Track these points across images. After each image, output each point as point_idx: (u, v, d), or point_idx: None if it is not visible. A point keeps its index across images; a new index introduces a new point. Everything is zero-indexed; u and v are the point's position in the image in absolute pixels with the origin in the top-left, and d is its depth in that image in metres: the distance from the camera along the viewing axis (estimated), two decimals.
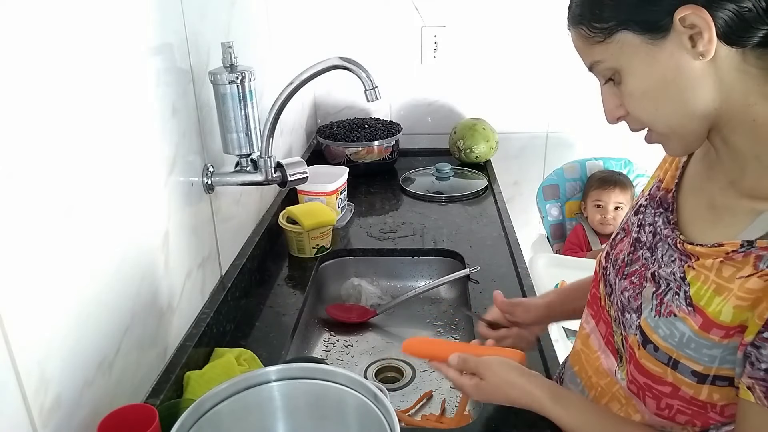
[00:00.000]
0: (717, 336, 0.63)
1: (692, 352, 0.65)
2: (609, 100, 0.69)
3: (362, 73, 1.00)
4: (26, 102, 0.59)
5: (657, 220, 0.76)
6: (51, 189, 0.63)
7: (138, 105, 0.82)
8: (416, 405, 1.09)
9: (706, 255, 0.66)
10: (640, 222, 0.79)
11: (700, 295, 0.65)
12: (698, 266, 0.67)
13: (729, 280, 0.63)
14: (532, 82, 2.00)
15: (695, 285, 0.66)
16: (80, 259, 0.69)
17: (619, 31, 0.63)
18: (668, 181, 0.78)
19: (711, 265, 0.65)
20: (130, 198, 0.80)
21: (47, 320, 0.63)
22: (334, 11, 1.95)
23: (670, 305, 0.68)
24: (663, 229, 0.74)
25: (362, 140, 1.83)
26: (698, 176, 0.75)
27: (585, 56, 0.68)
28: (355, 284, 1.43)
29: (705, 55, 0.60)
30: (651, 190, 0.81)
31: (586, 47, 0.67)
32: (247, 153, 1.06)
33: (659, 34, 0.61)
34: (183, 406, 0.76)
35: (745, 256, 0.62)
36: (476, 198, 1.74)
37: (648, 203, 0.79)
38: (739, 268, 0.62)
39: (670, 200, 0.75)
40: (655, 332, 0.69)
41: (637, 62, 0.63)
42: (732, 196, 0.67)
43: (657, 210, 0.77)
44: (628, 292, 0.76)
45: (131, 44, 0.79)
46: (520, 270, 1.31)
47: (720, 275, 0.64)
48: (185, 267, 0.97)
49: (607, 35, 0.64)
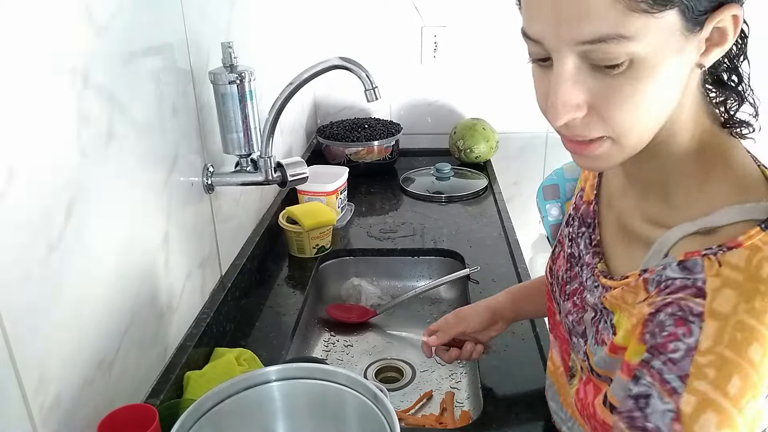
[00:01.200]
0: (615, 354, 0.61)
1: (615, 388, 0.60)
2: (572, 90, 0.53)
3: (362, 73, 1.00)
4: (26, 102, 0.59)
5: (580, 241, 0.73)
6: (51, 189, 0.63)
7: (138, 105, 0.82)
8: (416, 405, 1.09)
9: (615, 287, 0.64)
10: (570, 235, 0.77)
11: (620, 323, 0.62)
12: (610, 297, 0.65)
13: (632, 305, 0.61)
14: (532, 82, 2.00)
15: (616, 313, 0.64)
16: (80, 259, 0.69)
17: (673, 8, 0.49)
18: (588, 191, 0.75)
19: (618, 294, 0.63)
20: (130, 198, 0.80)
21: (47, 320, 0.63)
22: (334, 11, 1.95)
23: (602, 333, 0.66)
24: (585, 254, 0.72)
25: (362, 140, 1.83)
26: (614, 189, 0.71)
27: (602, 23, 0.49)
28: (355, 284, 1.43)
29: (705, 64, 0.54)
30: (575, 200, 0.77)
31: (618, 13, 0.48)
32: (247, 153, 1.06)
33: (696, 27, 0.51)
34: (183, 406, 0.77)
35: (638, 282, 0.60)
36: (476, 198, 1.74)
37: (574, 215, 0.77)
38: (636, 293, 0.61)
39: (591, 216, 0.72)
40: (596, 363, 0.65)
41: (664, 53, 0.51)
42: (637, 220, 0.65)
43: (580, 229, 0.74)
44: (572, 316, 0.73)
45: (131, 44, 0.79)
46: (520, 270, 1.31)
47: (626, 302, 0.62)
48: (185, 267, 0.97)
49: (662, 7, 0.48)
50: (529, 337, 1.11)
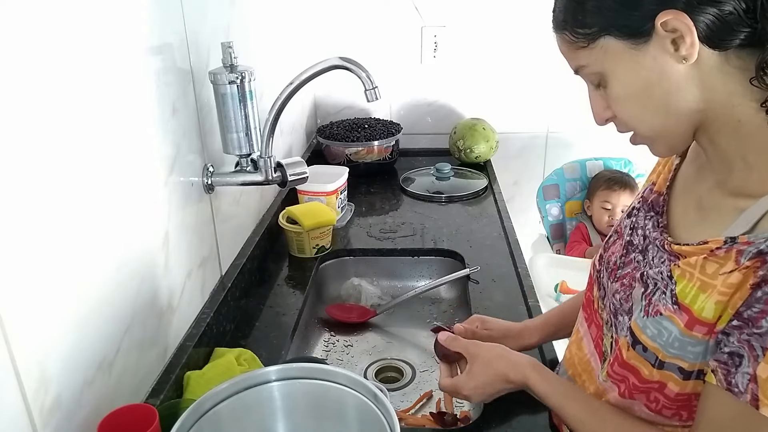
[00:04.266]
0: (700, 333, 0.64)
1: (678, 351, 0.66)
2: (596, 102, 0.71)
3: (362, 73, 1.00)
4: (27, 102, 0.59)
5: (647, 223, 0.77)
6: (51, 189, 0.63)
7: (138, 105, 0.82)
8: (416, 405, 1.09)
9: (691, 253, 0.67)
10: (632, 225, 0.80)
11: (685, 293, 0.66)
12: (684, 264, 0.67)
13: (713, 276, 0.63)
14: (532, 82, 2.00)
15: (681, 283, 0.67)
16: (80, 259, 0.69)
17: (602, 37, 0.64)
18: (660, 184, 0.79)
19: (695, 262, 0.66)
20: (131, 198, 0.80)
21: (47, 320, 0.63)
22: (334, 11, 1.95)
23: (657, 305, 0.69)
24: (652, 232, 0.75)
25: (362, 140, 1.83)
26: (689, 179, 0.75)
27: (570, 60, 0.70)
28: (355, 284, 1.43)
29: (688, 58, 0.61)
30: (644, 193, 0.81)
31: (571, 52, 0.68)
32: (247, 153, 1.06)
33: (642, 39, 0.62)
34: (183, 406, 0.77)
35: (728, 252, 0.62)
36: (476, 198, 1.74)
37: (641, 206, 0.80)
38: (722, 264, 0.63)
39: (661, 203, 0.76)
40: (644, 333, 0.69)
41: (622, 67, 0.64)
42: (718, 196, 0.68)
43: (648, 213, 0.78)
44: (620, 295, 0.76)
45: (131, 44, 0.79)
46: (520, 270, 1.31)
47: (704, 272, 0.65)
48: (185, 267, 0.97)
49: (590, 41, 0.65)
50: None
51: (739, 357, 0.59)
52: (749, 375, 0.57)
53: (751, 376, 0.57)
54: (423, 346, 1.27)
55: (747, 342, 0.58)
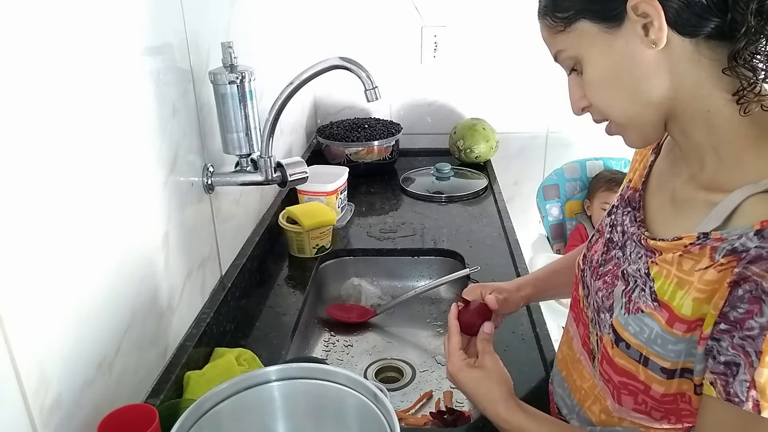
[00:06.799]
0: (680, 331, 0.64)
1: (659, 349, 0.66)
2: (574, 90, 0.72)
3: (362, 73, 1.00)
4: (27, 103, 0.59)
5: (625, 219, 0.77)
6: (51, 189, 0.63)
7: (138, 105, 0.82)
8: (416, 405, 1.09)
9: (667, 249, 0.67)
10: (611, 222, 0.81)
11: (663, 289, 0.66)
12: (660, 261, 0.67)
13: (689, 273, 0.64)
14: (532, 82, 2.00)
15: (659, 280, 0.67)
16: (80, 259, 0.69)
17: (578, 20, 0.66)
18: (636, 180, 0.80)
19: (672, 259, 0.66)
20: (130, 198, 0.80)
21: (47, 320, 0.63)
22: (334, 11, 1.95)
23: (637, 302, 0.69)
24: (630, 227, 0.76)
25: (362, 140, 1.83)
26: (664, 173, 0.76)
27: (550, 46, 0.72)
28: (355, 284, 1.43)
29: (657, 43, 0.61)
30: (622, 191, 0.82)
31: (550, 37, 0.70)
32: (247, 153, 1.06)
33: (615, 23, 0.63)
34: (183, 406, 0.77)
35: (702, 248, 0.62)
36: (476, 198, 1.74)
37: (619, 203, 0.81)
38: (697, 260, 0.63)
39: (637, 199, 0.77)
40: (626, 330, 0.69)
41: (595, 51, 0.66)
42: (691, 190, 0.68)
43: (626, 209, 0.78)
44: (602, 292, 0.77)
45: (131, 44, 0.79)
46: (520, 270, 1.31)
47: (681, 269, 0.65)
48: (185, 267, 0.97)
49: (567, 24, 0.67)
50: (529, 337, 1.11)
51: (736, 366, 0.58)
52: (747, 382, 0.57)
53: (750, 383, 0.57)
54: (423, 346, 1.27)
55: (741, 348, 0.57)
